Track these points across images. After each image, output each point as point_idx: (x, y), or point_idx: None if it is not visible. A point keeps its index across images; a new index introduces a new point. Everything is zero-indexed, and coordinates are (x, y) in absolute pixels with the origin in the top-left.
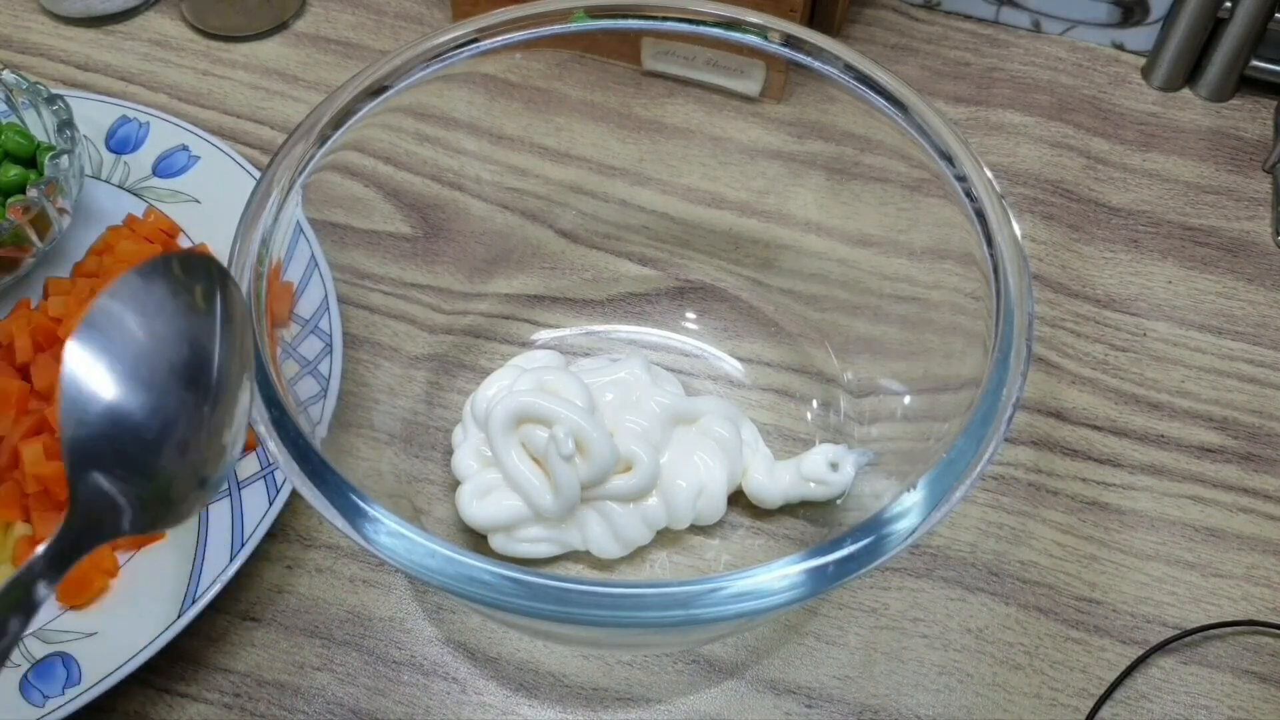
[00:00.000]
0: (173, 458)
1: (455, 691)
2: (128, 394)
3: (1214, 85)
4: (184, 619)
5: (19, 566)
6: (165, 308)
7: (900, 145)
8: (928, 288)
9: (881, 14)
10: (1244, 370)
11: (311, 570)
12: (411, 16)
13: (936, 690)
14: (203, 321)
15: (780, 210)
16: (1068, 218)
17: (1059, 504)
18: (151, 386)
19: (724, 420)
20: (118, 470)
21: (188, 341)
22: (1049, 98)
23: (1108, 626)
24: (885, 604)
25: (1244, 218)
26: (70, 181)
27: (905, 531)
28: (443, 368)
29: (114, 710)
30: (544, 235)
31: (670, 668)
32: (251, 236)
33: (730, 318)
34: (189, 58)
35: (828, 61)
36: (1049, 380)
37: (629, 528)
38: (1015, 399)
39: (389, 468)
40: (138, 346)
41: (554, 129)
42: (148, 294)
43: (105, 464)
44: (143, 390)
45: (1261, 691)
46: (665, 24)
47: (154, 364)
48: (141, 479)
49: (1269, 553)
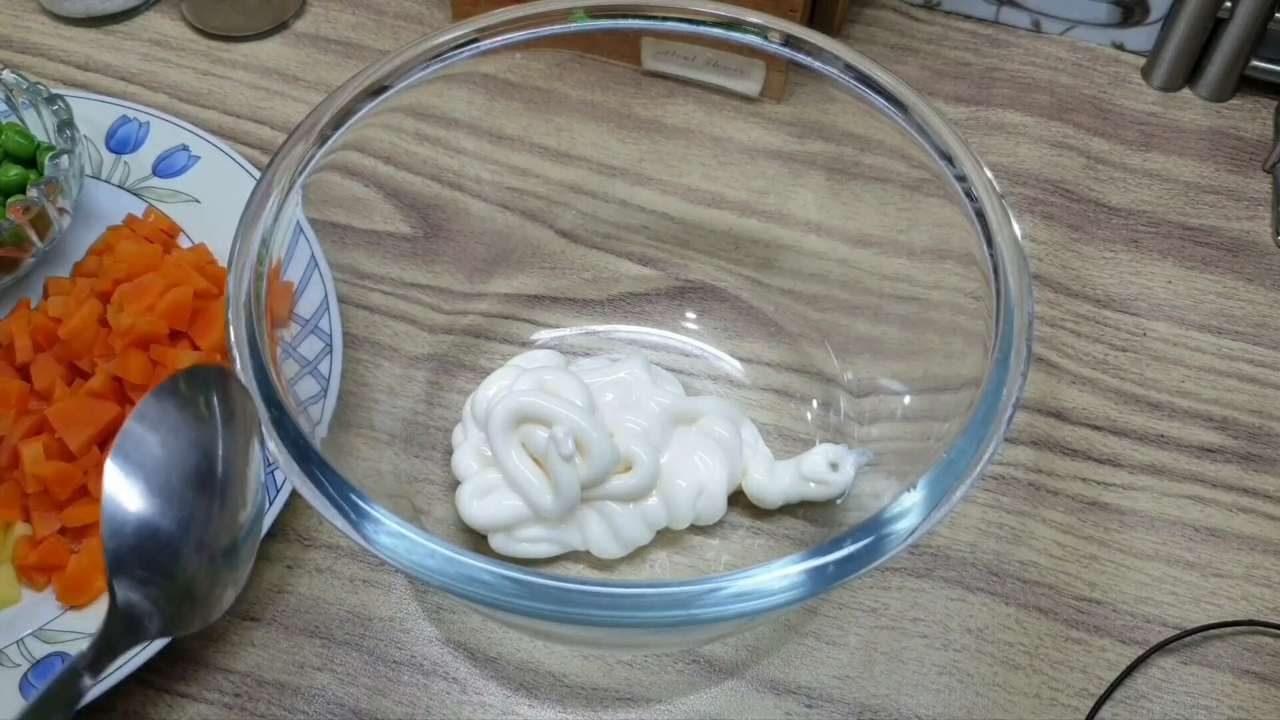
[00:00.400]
0: (190, 557)
1: (455, 691)
2: (151, 506)
3: (1214, 85)
4: None
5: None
6: (177, 424)
7: (900, 145)
8: (928, 288)
9: (881, 14)
10: (1244, 370)
11: (311, 570)
12: (411, 16)
13: (936, 690)
14: (207, 428)
15: (780, 210)
16: (1068, 218)
17: (1059, 504)
18: (170, 497)
19: (724, 420)
20: (146, 574)
21: (197, 449)
22: (1049, 98)
23: (1108, 626)
24: (885, 604)
25: (1244, 218)
26: (70, 181)
27: (905, 531)
28: (443, 368)
29: (114, 710)
30: (544, 235)
31: (670, 668)
32: (251, 236)
33: (730, 318)
34: (189, 58)
35: (828, 61)
36: (1049, 380)
37: (629, 528)
38: (1015, 399)
39: (389, 468)
40: (156, 463)
41: (554, 129)
42: (163, 414)
43: (135, 570)
44: (162, 501)
45: (1261, 691)
46: (665, 24)
47: (169, 476)
48: (166, 580)
49: (1269, 553)
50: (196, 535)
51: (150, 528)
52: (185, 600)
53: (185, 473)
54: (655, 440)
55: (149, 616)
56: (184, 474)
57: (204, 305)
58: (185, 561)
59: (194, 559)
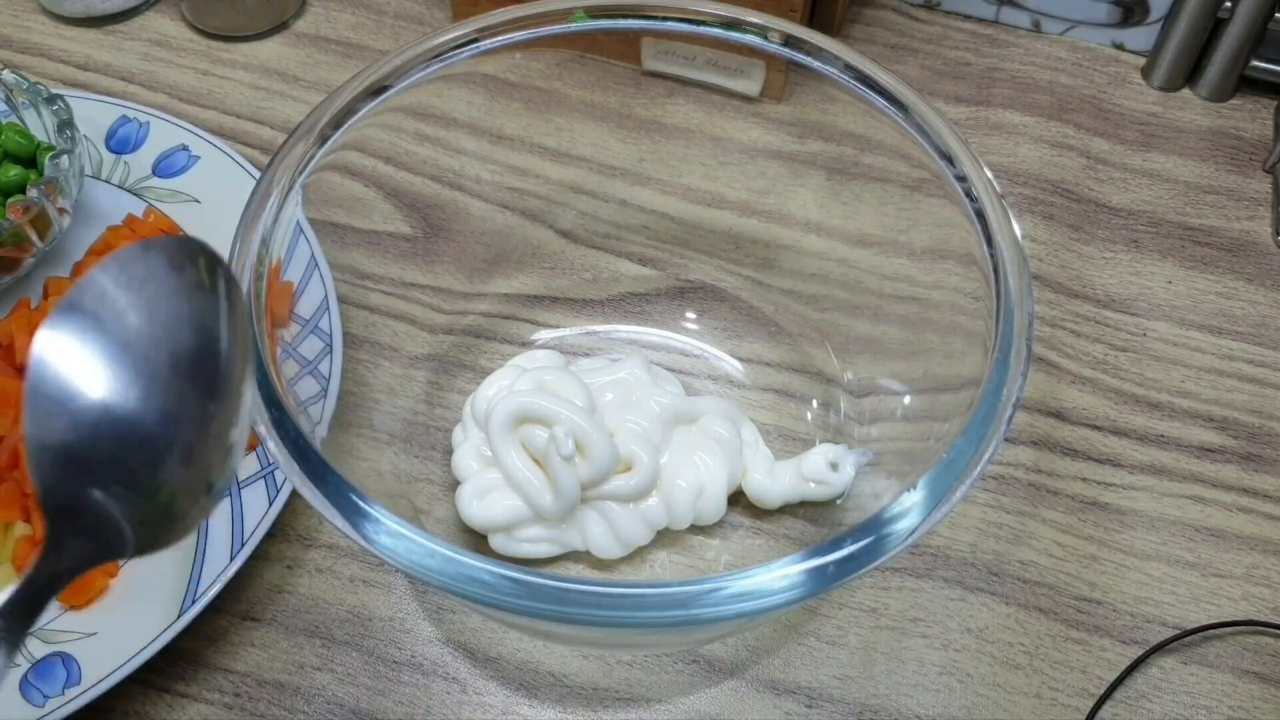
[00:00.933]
0: (176, 467)
1: (455, 691)
2: (121, 389)
3: (1214, 85)
4: (184, 619)
5: (19, 567)
6: (165, 286)
7: (900, 145)
8: (928, 288)
9: (881, 14)
10: (1244, 370)
11: (311, 570)
12: (411, 16)
13: (936, 690)
14: (207, 303)
15: (780, 210)
16: (1068, 218)
17: (1059, 504)
18: (151, 379)
19: (724, 420)
20: (111, 485)
21: (190, 326)
22: (1049, 98)
23: (1108, 626)
24: (885, 604)
25: (1244, 218)
26: (70, 181)
27: (905, 531)
28: (443, 368)
29: (114, 710)
30: (544, 235)
31: (670, 668)
32: (251, 236)
33: (730, 318)
34: (189, 58)
35: (828, 61)
36: (1049, 380)
37: (629, 528)
38: (1015, 399)
39: (389, 468)
40: (132, 331)
41: (554, 129)
42: (147, 269)
43: (96, 477)
44: (139, 384)
45: (1261, 691)
46: (665, 24)
47: (152, 352)
48: (141, 493)
49: (1269, 553)
50: (186, 440)
51: (112, 416)
52: (164, 520)
53: (173, 351)
54: (655, 440)
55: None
56: (171, 352)
57: None
58: (169, 470)
59: (179, 469)
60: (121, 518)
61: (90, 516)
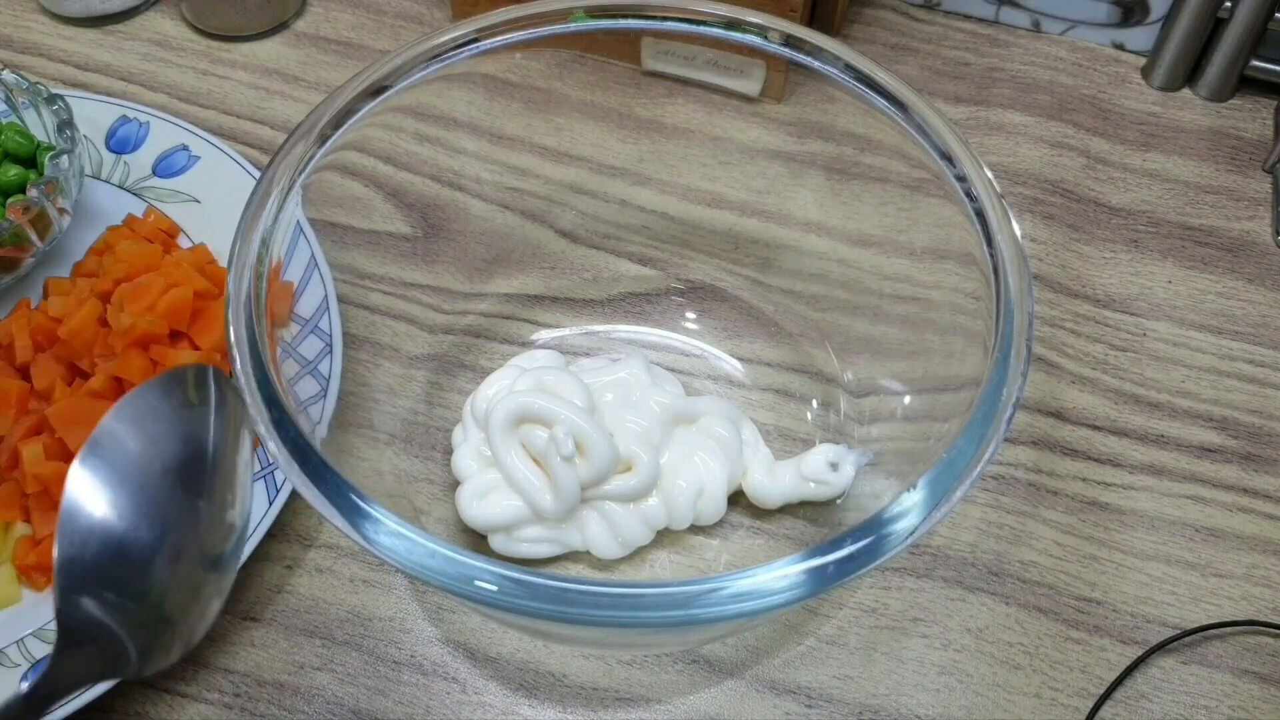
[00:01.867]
0: (163, 569)
1: (455, 691)
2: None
3: (1214, 85)
4: None
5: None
6: (160, 414)
7: (900, 145)
8: (928, 288)
9: (881, 14)
10: (1244, 370)
11: (311, 570)
12: (411, 16)
13: (936, 690)
14: (194, 416)
15: (780, 210)
16: (1068, 218)
17: (1059, 504)
18: (146, 497)
19: (724, 420)
20: (103, 592)
21: (182, 440)
22: (1049, 98)
23: (1108, 626)
24: (885, 604)
25: (1244, 218)
26: (70, 181)
27: (905, 531)
28: (443, 368)
29: (114, 710)
30: (544, 235)
31: (670, 668)
32: (251, 236)
33: (730, 318)
34: (189, 58)
35: (828, 61)
36: (1049, 380)
37: (629, 528)
38: (1015, 399)
39: (389, 468)
40: (133, 460)
41: (554, 129)
42: (145, 407)
43: (88, 585)
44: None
45: (1261, 691)
46: (665, 24)
47: (148, 472)
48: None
49: (1269, 553)
50: (175, 541)
51: (116, 538)
52: (160, 624)
53: (167, 466)
54: (655, 440)
55: (112, 645)
56: (165, 468)
57: (204, 305)
58: (156, 576)
59: (168, 570)
60: (115, 624)
61: (91, 626)
